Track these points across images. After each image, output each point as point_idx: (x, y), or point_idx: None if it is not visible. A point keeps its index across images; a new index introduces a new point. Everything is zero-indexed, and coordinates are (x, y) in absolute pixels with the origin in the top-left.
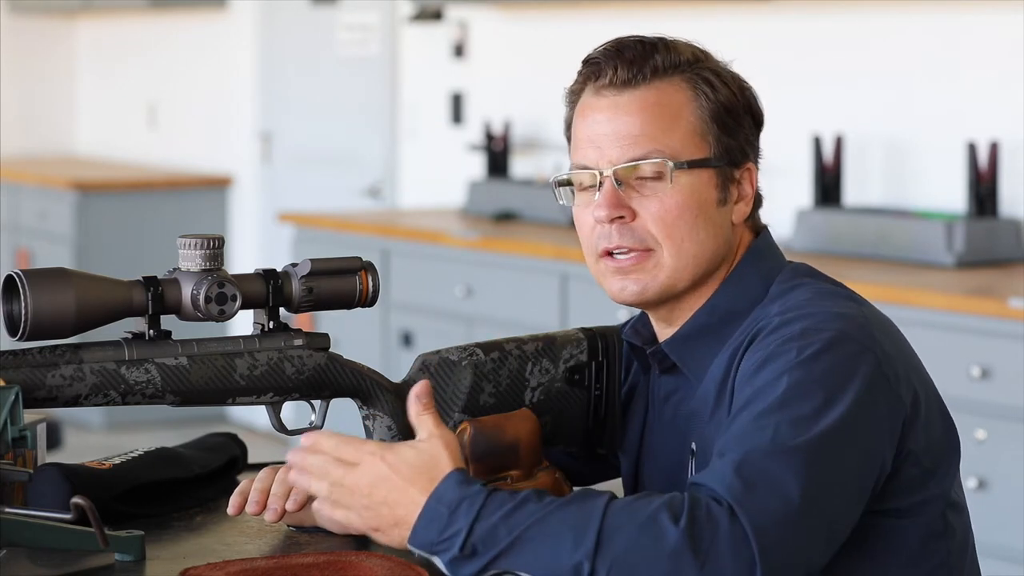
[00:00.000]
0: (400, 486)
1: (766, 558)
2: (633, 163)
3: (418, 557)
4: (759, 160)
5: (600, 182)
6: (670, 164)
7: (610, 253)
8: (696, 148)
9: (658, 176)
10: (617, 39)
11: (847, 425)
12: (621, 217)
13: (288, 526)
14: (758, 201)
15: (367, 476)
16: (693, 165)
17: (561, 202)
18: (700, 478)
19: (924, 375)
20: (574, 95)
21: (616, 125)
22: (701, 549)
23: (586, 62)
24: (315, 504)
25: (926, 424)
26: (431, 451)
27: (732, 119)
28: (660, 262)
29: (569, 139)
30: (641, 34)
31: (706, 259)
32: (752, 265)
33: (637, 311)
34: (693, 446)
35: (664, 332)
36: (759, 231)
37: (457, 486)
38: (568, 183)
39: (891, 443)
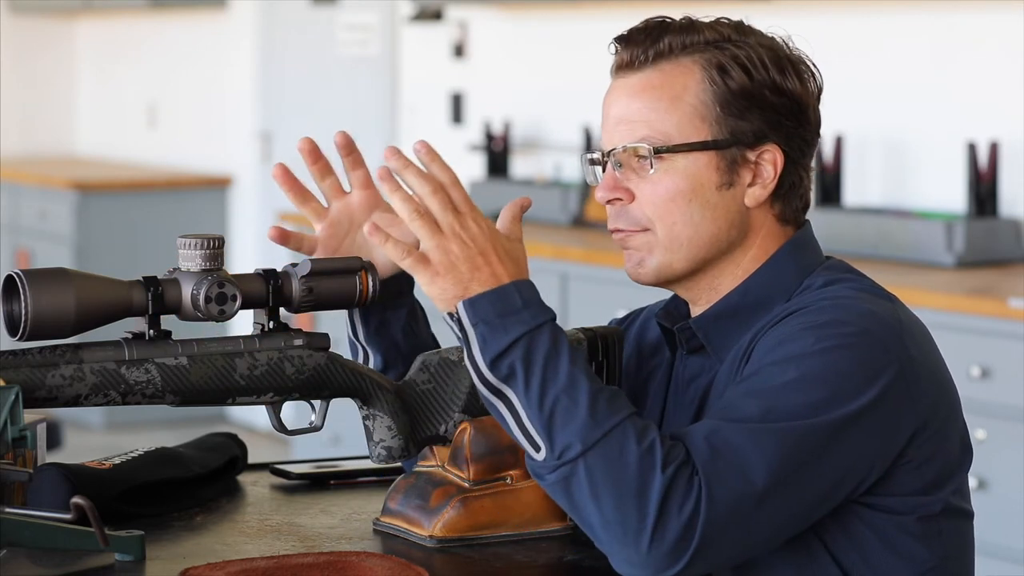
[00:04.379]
0: (497, 258)
1: (708, 532)
2: (623, 147)
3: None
4: (800, 144)
5: (604, 164)
6: (648, 149)
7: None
8: (694, 131)
9: (647, 160)
10: (646, 19)
11: (841, 428)
12: (619, 199)
13: None
14: (789, 187)
15: (476, 232)
16: (682, 149)
17: (589, 180)
18: (682, 435)
19: (948, 386)
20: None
21: (619, 108)
22: (668, 504)
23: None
24: (407, 222)
25: (938, 434)
26: (520, 249)
27: (746, 101)
28: (652, 243)
29: None
30: (666, 14)
31: (704, 241)
32: (792, 254)
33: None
34: None
35: (695, 312)
36: (800, 223)
37: (535, 290)
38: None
39: (885, 455)
